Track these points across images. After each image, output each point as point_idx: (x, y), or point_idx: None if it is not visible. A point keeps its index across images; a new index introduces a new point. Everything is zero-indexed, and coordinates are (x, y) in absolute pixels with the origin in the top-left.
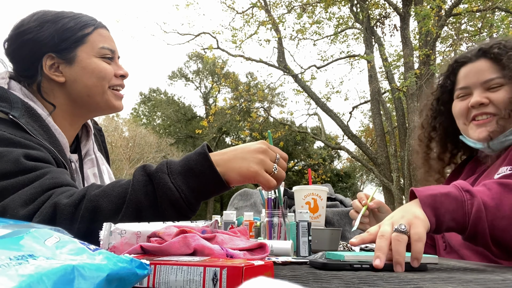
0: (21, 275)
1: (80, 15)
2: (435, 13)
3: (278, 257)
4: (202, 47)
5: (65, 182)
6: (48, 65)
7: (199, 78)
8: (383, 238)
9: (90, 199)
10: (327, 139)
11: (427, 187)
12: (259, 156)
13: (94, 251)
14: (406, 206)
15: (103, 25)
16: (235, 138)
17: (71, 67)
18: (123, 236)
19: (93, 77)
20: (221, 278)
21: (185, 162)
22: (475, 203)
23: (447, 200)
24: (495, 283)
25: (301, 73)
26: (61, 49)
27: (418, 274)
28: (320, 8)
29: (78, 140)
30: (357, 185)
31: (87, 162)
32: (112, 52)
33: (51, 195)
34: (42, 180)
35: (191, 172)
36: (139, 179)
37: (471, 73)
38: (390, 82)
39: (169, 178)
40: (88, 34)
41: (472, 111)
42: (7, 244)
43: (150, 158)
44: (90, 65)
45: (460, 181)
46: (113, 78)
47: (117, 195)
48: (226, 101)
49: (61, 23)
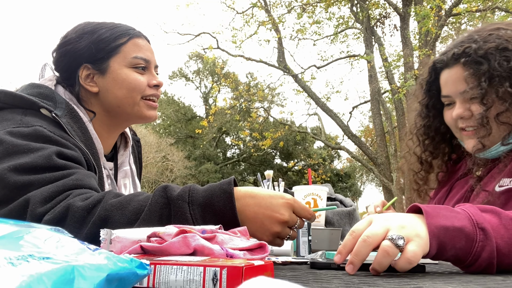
0: (21, 275)
1: (118, 25)
2: (435, 13)
3: (278, 257)
4: (202, 47)
5: (87, 185)
6: (84, 75)
7: (199, 78)
8: (369, 241)
9: (106, 207)
10: (327, 139)
11: (437, 210)
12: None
13: (94, 251)
14: (409, 218)
15: (140, 34)
16: (235, 138)
17: (103, 78)
18: (123, 244)
19: (123, 88)
20: (221, 278)
21: (209, 194)
22: (487, 248)
23: (458, 236)
24: (495, 283)
25: (301, 73)
26: (96, 60)
27: (418, 274)
28: (320, 8)
29: (116, 149)
30: (357, 185)
31: (121, 172)
32: (146, 61)
33: (69, 195)
34: (66, 180)
35: (212, 208)
36: (158, 201)
37: (449, 82)
38: (390, 82)
39: (188, 208)
40: (122, 44)
41: (459, 122)
42: (7, 244)
43: (150, 158)
44: (120, 76)
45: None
46: (147, 89)
47: (132, 210)
48: (226, 101)
49: (97, 33)
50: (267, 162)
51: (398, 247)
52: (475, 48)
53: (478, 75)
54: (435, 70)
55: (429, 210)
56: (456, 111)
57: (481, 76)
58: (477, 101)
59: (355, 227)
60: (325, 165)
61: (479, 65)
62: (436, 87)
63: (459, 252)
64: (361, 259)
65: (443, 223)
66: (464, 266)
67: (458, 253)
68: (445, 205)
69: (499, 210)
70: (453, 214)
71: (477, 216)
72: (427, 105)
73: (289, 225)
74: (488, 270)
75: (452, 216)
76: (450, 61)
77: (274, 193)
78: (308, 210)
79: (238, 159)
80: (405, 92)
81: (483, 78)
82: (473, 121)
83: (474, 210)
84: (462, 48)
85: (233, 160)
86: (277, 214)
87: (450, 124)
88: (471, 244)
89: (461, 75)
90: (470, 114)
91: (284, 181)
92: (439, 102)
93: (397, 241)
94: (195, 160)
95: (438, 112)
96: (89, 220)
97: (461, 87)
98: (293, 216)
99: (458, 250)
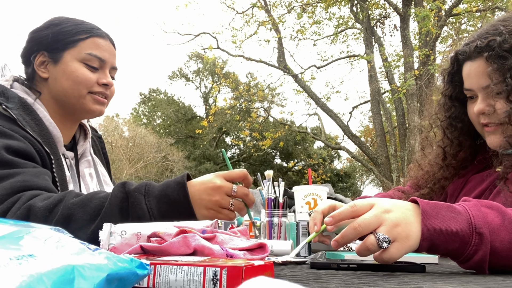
0: (21, 275)
1: (85, 23)
2: (435, 14)
3: (278, 257)
4: (202, 47)
5: (36, 185)
6: (39, 61)
7: (199, 78)
8: (358, 230)
9: (68, 206)
10: (327, 139)
11: (437, 210)
12: (213, 198)
13: (94, 251)
14: (408, 215)
15: (103, 35)
16: (235, 138)
17: (55, 67)
18: (123, 236)
19: (70, 80)
20: (221, 278)
21: (163, 187)
22: (480, 252)
23: (452, 239)
24: (495, 283)
25: (301, 73)
26: (53, 49)
27: (418, 274)
28: (320, 8)
29: (75, 140)
30: (357, 185)
31: (84, 162)
32: (100, 60)
33: (21, 197)
34: (12, 181)
35: (166, 198)
36: (117, 195)
37: (472, 76)
38: (390, 82)
39: (144, 199)
40: (80, 40)
41: (480, 117)
42: (7, 244)
43: (150, 158)
44: (69, 68)
45: (476, 211)
46: (95, 85)
47: (94, 207)
48: (226, 101)
49: (61, 26)
50: (267, 162)
51: (380, 247)
52: (499, 41)
53: (502, 70)
54: (457, 61)
55: (427, 209)
56: (477, 106)
57: (506, 71)
58: (502, 98)
59: (358, 202)
60: (325, 165)
61: (504, 60)
62: (459, 78)
63: (451, 252)
64: (346, 242)
65: (438, 226)
66: (455, 261)
67: (449, 253)
68: (460, 199)
69: (505, 210)
70: (452, 215)
71: (478, 219)
72: (450, 96)
73: (224, 190)
74: (478, 270)
75: (450, 218)
76: (473, 54)
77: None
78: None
79: (238, 159)
80: (405, 92)
81: (508, 74)
82: (496, 117)
83: (477, 211)
84: (486, 40)
85: (233, 160)
86: (209, 184)
87: (472, 118)
88: (464, 246)
89: (484, 70)
90: (493, 110)
91: (284, 181)
92: (463, 93)
93: (381, 243)
94: (195, 160)
95: (462, 103)
96: (51, 219)
97: (483, 81)
98: (225, 183)
99: (451, 251)
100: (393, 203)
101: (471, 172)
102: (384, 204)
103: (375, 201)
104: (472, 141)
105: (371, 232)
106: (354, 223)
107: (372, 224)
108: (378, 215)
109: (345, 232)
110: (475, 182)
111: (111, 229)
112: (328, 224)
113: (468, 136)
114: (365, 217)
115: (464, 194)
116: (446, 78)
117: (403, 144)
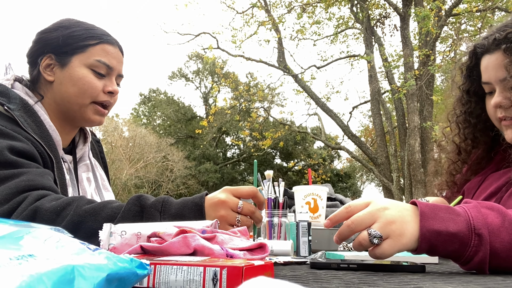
0: (21, 275)
1: (95, 28)
2: (435, 14)
3: (278, 257)
4: (202, 47)
5: (41, 185)
6: (46, 64)
7: (199, 78)
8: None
9: (79, 213)
10: (327, 139)
11: (436, 211)
12: (218, 213)
13: (94, 251)
14: (405, 214)
15: (113, 42)
16: (235, 138)
17: (62, 71)
18: (123, 236)
19: (76, 86)
20: (221, 278)
21: (181, 207)
22: (480, 254)
23: (451, 240)
24: (495, 283)
25: (301, 73)
26: (61, 52)
27: (418, 274)
28: (320, 8)
29: (74, 144)
30: (357, 185)
31: (82, 166)
32: (108, 67)
33: (27, 197)
34: (17, 180)
35: (182, 219)
36: (131, 209)
37: (490, 68)
38: (390, 82)
39: (159, 216)
40: (90, 45)
41: (497, 111)
42: (7, 244)
43: (150, 158)
44: (77, 73)
45: (475, 212)
46: (100, 94)
47: (105, 217)
48: (226, 101)
49: (71, 29)
50: (267, 162)
51: (372, 243)
52: None
53: None
54: (475, 55)
55: (426, 211)
56: (495, 99)
57: None
58: None
59: (353, 203)
60: (325, 165)
61: None
62: (477, 72)
63: (451, 254)
64: (342, 239)
65: (436, 227)
66: (457, 263)
67: (450, 255)
68: (476, 197)
69: (505, 211)
70: (451, 217)
71: (477, 220)
72: (468, 91)
73: (229, 206)
74: (478, 271)
75: (449, 219)
76: (491, 47)
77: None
78: (244, 187)
79: (238, 159)
80: (405, 92)
81: None
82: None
83: (476, 213)
84: (505, 33)
85: (233, 160)
86: (214, 199)
87: (490, 114)
88: (464, 247)
89: (502, 62)
90: (510, 104)
91: (284, 181)
92: (481, 88)
93: (373, 239)
94: (195, 160)
95: (480, 98)
96: (59, 222)
97: (501, 74)
98: (231, 198)
99: (450, 252)
100: (391, 201)
101: (490, 170)
102: (381, 202)
103: (372, 200)
104: (488, 137)
105: (366, 228)
106: (348, 220)
107: (366, 221)
108: (372, 212)
109: (340, 229)
110: (492, 179)
111: (111, 229)
112: (326, 227)
113: (483, 132)
114: (358, 215)
115: (480, 192)
116: (464, 73)
117: (403, 144)
